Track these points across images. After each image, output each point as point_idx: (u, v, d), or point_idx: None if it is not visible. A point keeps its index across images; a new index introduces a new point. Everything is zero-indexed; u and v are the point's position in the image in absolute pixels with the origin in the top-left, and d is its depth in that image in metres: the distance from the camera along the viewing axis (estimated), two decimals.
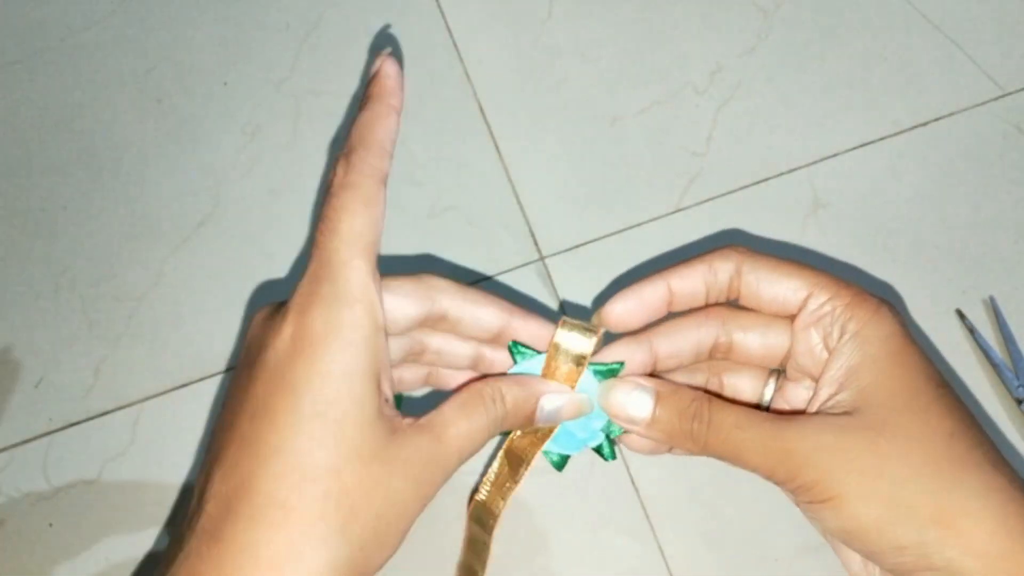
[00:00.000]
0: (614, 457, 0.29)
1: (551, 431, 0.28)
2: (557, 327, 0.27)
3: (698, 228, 0.44)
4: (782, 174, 0.46)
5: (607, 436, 0.28)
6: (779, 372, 0.29)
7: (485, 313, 0.27)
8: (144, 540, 0.35)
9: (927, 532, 0.22)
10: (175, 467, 0.37)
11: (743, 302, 0.28)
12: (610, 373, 0.28)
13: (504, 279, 0.42)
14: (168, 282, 0.43)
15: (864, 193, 0.45)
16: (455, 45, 0.52)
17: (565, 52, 0.52)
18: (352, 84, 0.50)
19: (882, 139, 0.47)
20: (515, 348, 0.28)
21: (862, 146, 0.47)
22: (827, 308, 0.26)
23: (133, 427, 0.38)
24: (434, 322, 0.27)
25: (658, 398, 0.27)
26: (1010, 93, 0.48)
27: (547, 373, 0.28)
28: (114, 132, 0.49)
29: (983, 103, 0.48)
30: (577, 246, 0.44)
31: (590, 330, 0.27)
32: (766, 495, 0.36)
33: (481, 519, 0.29)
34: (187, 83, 0.51)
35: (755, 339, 0.28)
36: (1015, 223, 0.44)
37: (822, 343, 0.26)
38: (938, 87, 0.49)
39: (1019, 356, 0.39)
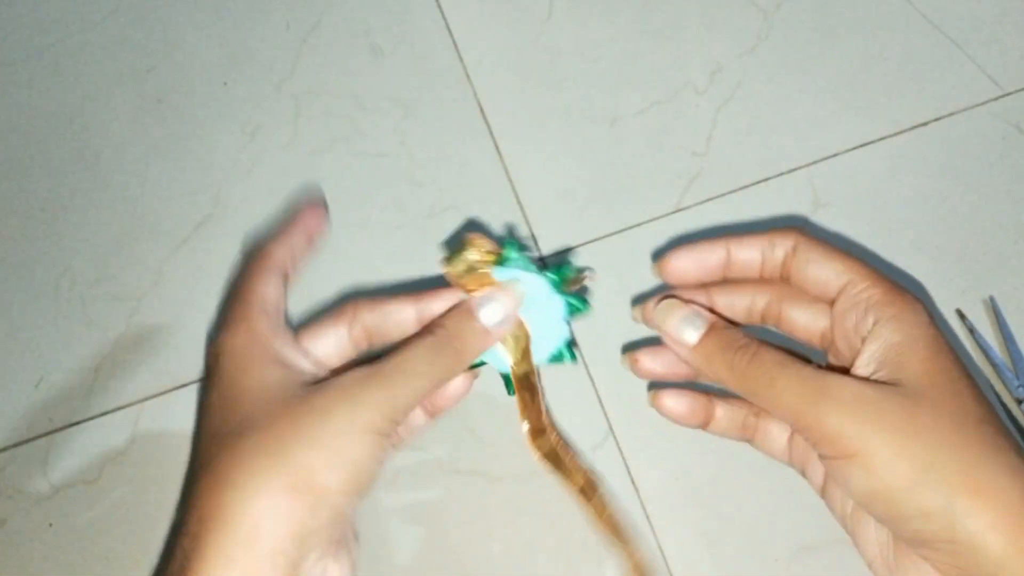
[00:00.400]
0: (586, 307, 0.31)
1: (528, 347, 0.30)
2: (445, 271, 0.30)
3: (698, 228, 0.44)
4: (782, 174, 0.46)
5: (560, 284, 0.30)
6: (819, 365, 0.29)
7: (397, 308, 0.30)
8: (144, 540, 0.35)
9: (956, 500, 0.22)
10: (175, 467, 0.37)
11: (792, 281, 0.29)
12: (504, 260, 0.30)
13: None
14: (168, 282, 0.43)
15: (864, 193, 0.45)
16: (455, 45, 0.52)
17: (565, 52, 0.52)
18: (352, 84, 0.50)
19: (882, 139, 0.47)
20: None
21: (862, 146, 0.47)
22: (864, 295, 0.27)
23: (133, 427, 0.38)
24: (368, 338, 0.30)
25: (711, 328, 0.28)
26: (1010, 93, 0.48)
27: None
28: (114, 132, 0.49)
29: (983, 103, 0.48)
30: (577, 246, 0.44)
31: (463, 250, 0.30)
32: (766, 495, 0.36)
33: (544, 448, 0.31)
34: (187, 83, 0.51)
35: (801, 314, 0.29)
36: (1015, 223, 0.44)
37: (855, 325, 0.27)
38: (938, 87, 0.49)
39: (1019, 356, 0.39)
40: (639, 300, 0.31)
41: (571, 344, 0.31)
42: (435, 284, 0.30)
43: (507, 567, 0.35)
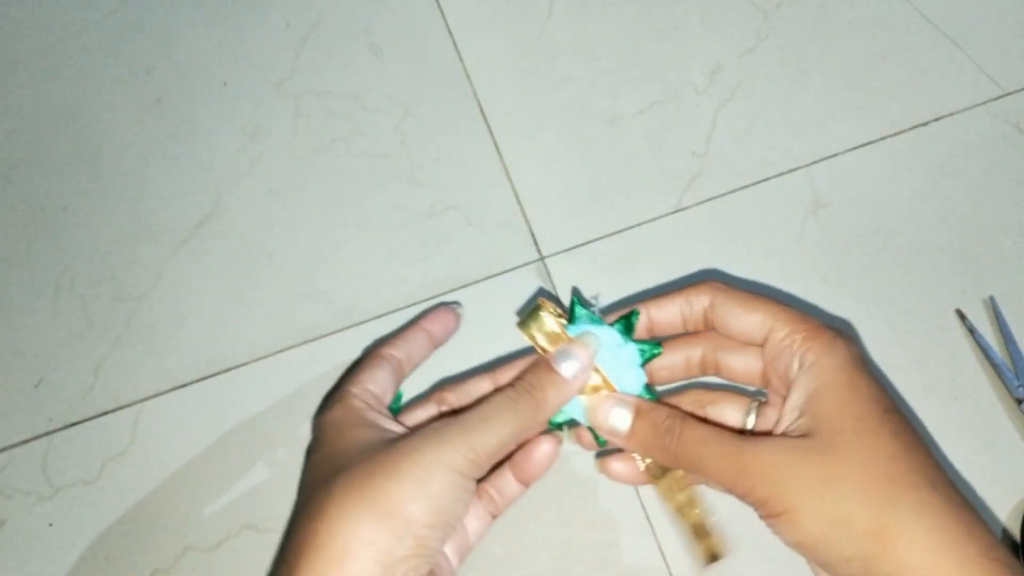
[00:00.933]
0: (659, 349, 0.32)
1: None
2: (523, 333, 0.32)
3: (698, 228, 0.44)
4: (782, 174, 0.46)
5: (629, 332, 0.32)
6: (760, 402, 0.32)
7: (475, 384, 0.34)
8: (144, 540, 0.35)
9: (867, 546, 0.24)
10: (175, 467, 0.37)
11: (719, 331, 0.31)
12: (583, 315, 0.32)
13: (504, 279, 0.42)
14: (168, 282, 0.43)
15: (864, 193, 0.45)
16: (455, 45, 0.52)
17: (565, 52, 0.52)
18: (352, 84, 0.50)
19: (882, 139, 0.47)
20: None
21: (862, 146, 0.47)
22: (787, 342, 0.29)
23: (133, 427, 0.38)
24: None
25: (637, 413, 0.30)
26: (1010, 93, 0.48)
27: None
28: (114, 132, 0.49)
29: (983, 103, 0.48)
30: (577, 246, 0.44)
31: (536, 312, 0.32)
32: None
33: (666, 489, 0.32)
34: (187, 83, 0.51)
35: (737, 360, 0.31)
36: (1015, 223, 0.44)
37: (783, 371, 0.29)
38: (938, 87, 0.49)
39: (1019, 356, 0.39)
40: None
41: (649, 387, 0.32)
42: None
43: (507, 567, 0.35)
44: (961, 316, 0.40)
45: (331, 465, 0.28)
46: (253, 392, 0.39)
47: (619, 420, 0.30)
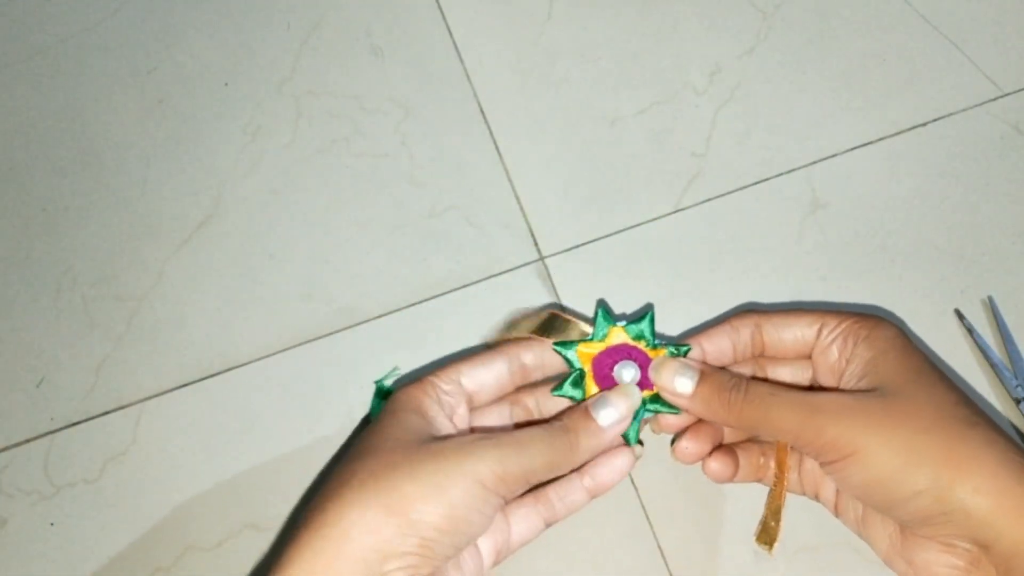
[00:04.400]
0: (686, 346, 0.34)
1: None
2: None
3: (698, 228, 0.44)
4: (781, 174, 0.46)
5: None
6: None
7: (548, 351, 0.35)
8: (145, 540, 0.36)
9: (940, 474, 0.25)
10: (176, 467, 0.37)
11: (768, 352, 0.33)
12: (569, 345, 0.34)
13: (504, 279, 0.42)
14: (169, 282, 0.43)
15: (863, 193, 0.45)
16: (455, 45, 0.52)
17: (565, 52, 0.52)
18: (353, 85, 0.51)
19: (881, 139, 0.47)
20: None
21: (861, 146, 0.47)
22: (839, 330, 0.31)
23: (134, 427, 0.38)
24: (525, 376, 0.35)
25: (701, 376, 0.31)
26: (1009, 94, 0.49)
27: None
28: (116, 133, 0.49)
29: (982, 103, 0.48)
30: (577, 246, 0.44)
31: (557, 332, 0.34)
32: (765, 496, 0.36)
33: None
34: (188, 84, 0.51)
35: (784, 372, 0.34)
36: (1014, 223, 0.44)
37: (839, 356, 0.31)
38: (937, 87, 0.49)
39: (1017, 356, 0.39)
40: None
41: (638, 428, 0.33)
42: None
43: (507, 567, 0.35)
44: (960, 316, 0.41)
45: (369, 445, 0.29)
46: (253, 392, 0.39)
47: (683, 384, 0.31)
